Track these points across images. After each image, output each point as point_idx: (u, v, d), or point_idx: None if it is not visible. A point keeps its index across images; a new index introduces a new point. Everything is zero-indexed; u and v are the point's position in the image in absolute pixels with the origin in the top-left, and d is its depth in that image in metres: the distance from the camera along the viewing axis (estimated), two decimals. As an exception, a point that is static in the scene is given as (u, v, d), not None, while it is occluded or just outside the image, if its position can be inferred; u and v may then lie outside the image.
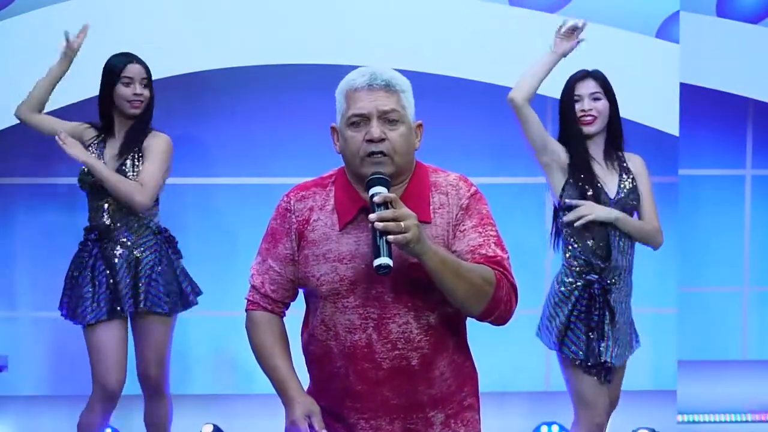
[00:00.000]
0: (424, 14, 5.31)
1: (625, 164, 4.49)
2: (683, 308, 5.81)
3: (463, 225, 2.77)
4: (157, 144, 4.68)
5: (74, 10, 5.14)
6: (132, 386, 5.16)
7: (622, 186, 4.44)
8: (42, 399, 5.48)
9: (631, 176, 4.47)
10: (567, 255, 4.42)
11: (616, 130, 4.47)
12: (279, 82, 5.54)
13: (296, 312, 2.94)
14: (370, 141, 2.71)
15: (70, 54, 4.74)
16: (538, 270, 5.41)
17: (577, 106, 4.41)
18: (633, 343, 4.53)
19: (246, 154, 5.59)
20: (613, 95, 4.45)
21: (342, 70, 5.44)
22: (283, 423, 2.81)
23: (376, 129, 2.71)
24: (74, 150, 4.58)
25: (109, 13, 5.18)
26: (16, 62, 5.10)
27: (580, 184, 4.38)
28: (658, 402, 5.66)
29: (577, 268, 4.37)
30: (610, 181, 4.44)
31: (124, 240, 4.66)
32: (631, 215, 4.45)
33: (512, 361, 5.64)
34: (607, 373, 4.41)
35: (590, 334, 4.32)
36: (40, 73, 4.74)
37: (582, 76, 4.45)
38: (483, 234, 2.76)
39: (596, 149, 4.47)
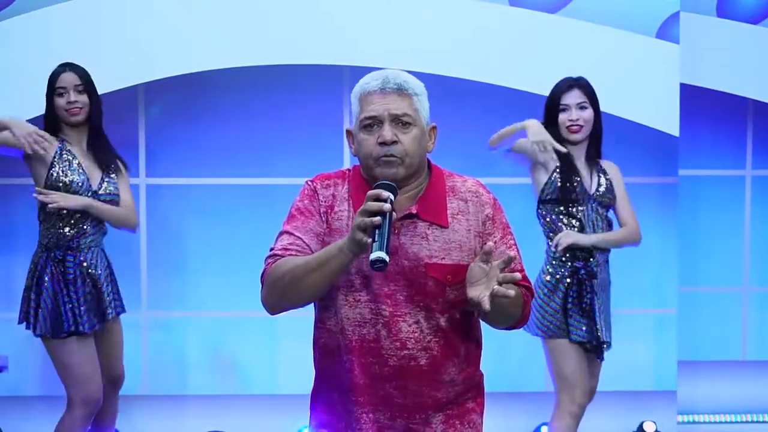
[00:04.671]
0: (425, 14, 5.31)
1: (602, 167, 4.75)
2: (683, 308, 5.81)
3: (493, 237, 2.84)
4: (125, 172, 4.76)
5: (74, 10, 5.14)
6: (131, 386, 5.17)
7: (600, 184, 4.71)
8: (42, 399, 5.48)
9: (608, 178, 4.73)
10: (551, 248, 4.67)
11: (598, 137, 4.73)
12: (279, 82, 5.54)
13: (306, 312, 2.93)
14: (383, 144, 2.75)
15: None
16: (534, 270, 5.42)
17: (565, 116, 4.65)
18: (611, 332, 4.74)
19: (246, 154, 5.59)
20: (597, 102, 4.69)
21: (342, 70, 5.49)
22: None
23: (388, 132, 2.75)
24: (70, 202, 4.56)
25: (109, 14, 5.17)
26: (16, 62, 5.10)
27: (561, 181, 4.63)
28: (658, 402, 5.67)
29: (562, 258, 4.61)
30: (588, 180, 4.70)
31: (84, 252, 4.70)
32: (608, 210, 4.73)
33: (513, 361, 5.64)
34: (601, 352, 4.68)
35: (585, 316, 4.58)
36: (40, 73, 4.72)
37: (569, 86, 4.67)
38: (507, 245, 2.85)
39: (579, 153, 4.72)
